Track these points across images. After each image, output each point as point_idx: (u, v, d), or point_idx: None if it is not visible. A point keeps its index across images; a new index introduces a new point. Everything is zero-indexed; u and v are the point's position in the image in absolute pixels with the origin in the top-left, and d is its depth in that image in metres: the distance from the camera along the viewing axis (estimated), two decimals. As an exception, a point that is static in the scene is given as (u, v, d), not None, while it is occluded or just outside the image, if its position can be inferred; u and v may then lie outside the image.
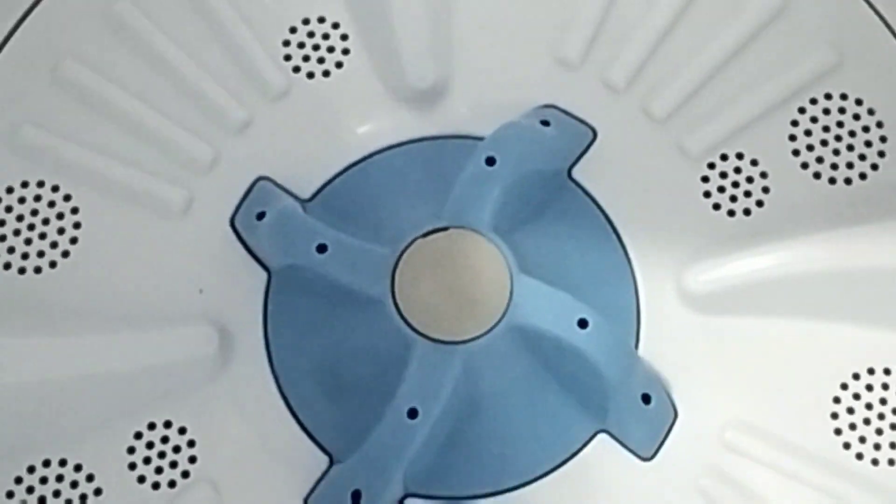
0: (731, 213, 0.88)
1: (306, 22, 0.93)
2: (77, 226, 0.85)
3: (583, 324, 0.80)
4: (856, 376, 0.84)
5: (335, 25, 0.93)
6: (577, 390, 0.85)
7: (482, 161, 0.86)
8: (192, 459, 0.82)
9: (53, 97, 0.91)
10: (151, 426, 0.82)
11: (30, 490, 0.82)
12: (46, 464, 0.82)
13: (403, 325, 0.83)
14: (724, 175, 0.89)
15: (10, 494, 0.81)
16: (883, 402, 0.85)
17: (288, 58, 0.92)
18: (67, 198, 0.86)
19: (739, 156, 0.89)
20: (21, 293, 0.87)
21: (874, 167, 0.88)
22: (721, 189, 0.89)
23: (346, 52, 0.92)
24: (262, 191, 0.89)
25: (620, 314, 0.88)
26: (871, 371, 0.85)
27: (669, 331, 0.88)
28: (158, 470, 0.82)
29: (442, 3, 0.97)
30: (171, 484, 0.81)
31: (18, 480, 0.81)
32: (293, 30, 0.93)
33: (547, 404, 0.86)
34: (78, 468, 0.81)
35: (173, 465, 0.82)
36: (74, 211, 0.86)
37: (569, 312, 0.82)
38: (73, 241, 0.85)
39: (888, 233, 0.86)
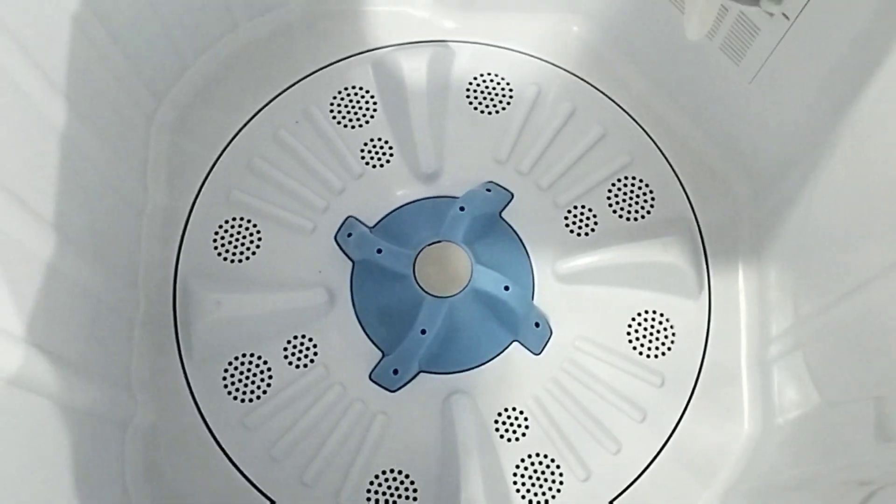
0: (579, 234, 1.17)
1: (371, 140, 1.20)
2: (259, 239, 1.13)
3: (507, 288, 1.10)
4: (639, 314, 1.13)
5: (386, 142, 1.21)
6: (504, 321, 1.13)
7: (458, 209, 1.14)
8: (315, 353, 1.09)
9: (248, 176, 1.17)
10: (295, 337, 1.09)
11: (233, 374, 1.07)
12: (241, 356, 1.08)
13: (419, 289, 1.11)
14: (575, 216, 1.18)
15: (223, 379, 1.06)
16: (652, 327, 1.13)
17: (363, 157, 1.20)
18: (255, 226, 1.14)
19: (584, 206, 1.18)
20: (231, 272, 1.13)
21: (648, 213, 1.18)
22: (574, 223, 1.18)
23: (391, 155, 1.20)
24: (350, 223, 1.16)
25: (524, 284, 1.15)
26: (647, 311, 1.14)
27: (548, 292, 1.16)
28: (299, 359, 1.08)
29: (439, 130, 1.22)
30: (304, 366, 1.08)
31: (226, 369, 1.07)
32: (365, 144, 1.20)
33: (489, 328, 1.13)
34: (259, 358, 1.08)
35: (306, 356, 1.09)
36: (258, 232, 1.13)
37: (500, 283, 1.10)
38: (258, 247, 1.13)
39: (655, 245, 1.12)
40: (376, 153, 1.19)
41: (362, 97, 1.21)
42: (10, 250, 0.80)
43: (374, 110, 1.20)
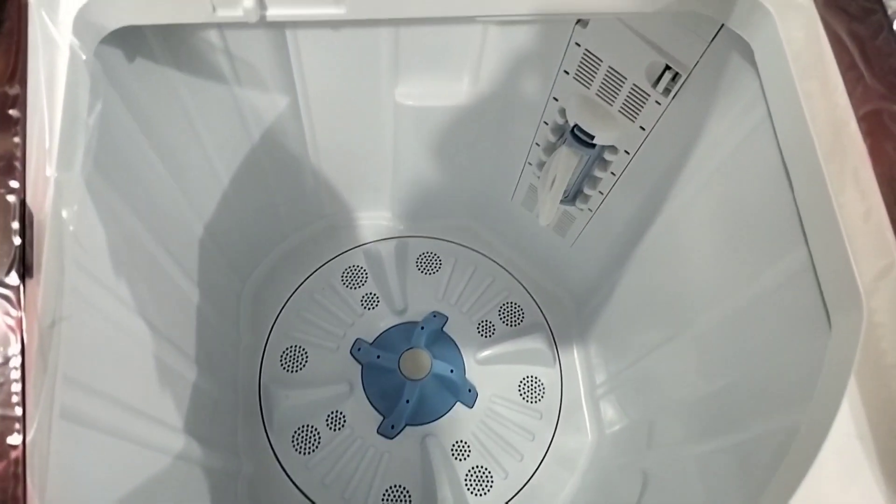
0: (486, 337, 1.19)
1: (366, 294, 1.20)
2: (307, 357, 1.11)
3: (452, 371, 1.14)
4: (523, 378, 1.14)
5: (374, 294, 1.21)
6: (451, 390, 1.15)
7: (420, 327, 1.18)
8: (345, 421, 1.06)
9: (298, 321, 1.16)
10: (332, 412, 1.08)
11: (298, 438, 1.07)
12: (302, 426, 1.07)
13: (402, 376, 1.15)
14: (483, 327, 1.20)
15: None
16: (531, 385, 1.13)
17: (363, 304, 1.20)
18: (304, 350, 1.13)
19: (487, 320, 1.20)
20: (293, 378, 1.12)
21: (522, 321, 1.17)
22: (482, 331, 1.20)
23: (378, 301, 1.21)
24: (358, 342, 1.16)
25: (460, 367, 1.17)
26: (527, 376, 1.14)
27: (474, 371, 1.18)
28: (335, 425, 1.08)
29: (403, 286, 1.23)
30: (339, 429, 1.08)
31: (293, 435, 1.06)
32: (363, 297, 1.22)
33: (443, 395, 1.15)
34: (312, 427, 1.08)
35: (339, 423, 1.09)
36: (306, 353, 1.11)
37: (448, 368, 1.15)
38: (307, 361, 1.11)
39: (527, 338, 1.14)
40: (370, 301, 1.24)
41: (359, 271, 1.27)
42: (172, 375, 0.81)
43: (367, 278, 1.26)
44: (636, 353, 0.97)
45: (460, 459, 1.11)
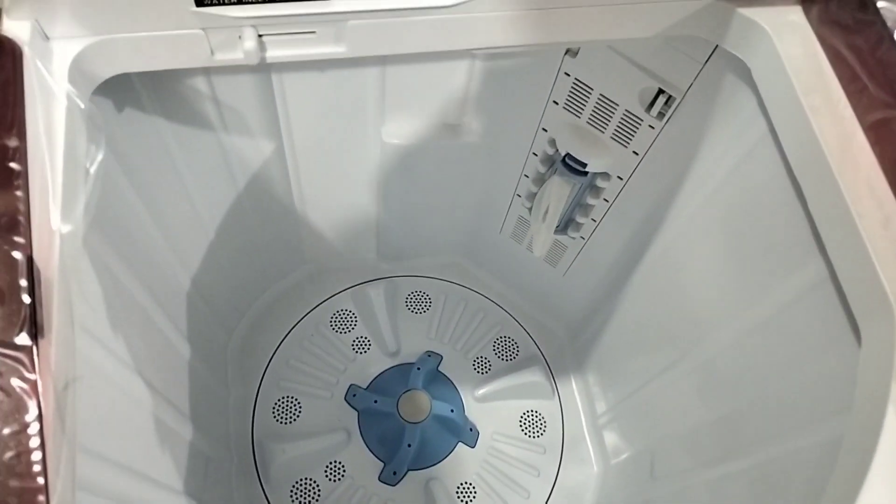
0: (482, 374, 1.17)
1: (357, 338, 1.19)
2: (301, 407, 1.08)
3: (452, 410, 1.12)
4: (524, 413, 1.13)
5: (365, 338, 1.19)
6: (452, 430, 1.14)
7: (416, 368, 1.16)
8: (344, 471, 1.04)
9: (288, 370, 1.13)
10: (331, 462, 1.04)
11: (296, 492, 1.03)
12: (300, 480, 1.04)
13: (402, 420, 1.12)
14: (478, 363, 1.20)
15: None
16: (532, 419, 1.12)
17: (353, 349, 1.18)
18: (297, 399, 1.09)
19: (482, 356, 1.19)
20: (287, 430, 1.08)
21: (517, 354, 1.17)
22: (477, 368, 1.19)
23: (369, 345, 1.19)
24: (352, 388, 1.13)
25: (459, 406, 1.16)
26: (528, 411, 1.13)
27: (473, 409, 1.16)
28: (335, 476, 1.04)
29: (394, 328, 1.21)
30: (339, 479, 1.05)
31: (291, 489, 1.02)
32: (353, 341, 1.20)
33: (444, 436, 1.14)
34: (311, 479, 1.05)
35: (338, 473, 1.05)
36: (299, 403, 1.08)
37: (448, 408, 1.13)
38: (300, 412, 1.07)
39: (524, 372, 1.14)
40: (361, 345, 1.22)
41: (348, 315, 1.25)
42: (170, 435, 0.79)
43: (356, 321, 1.24)
44: (637, 381, 0.97)
45: (466, 502, 1.09)
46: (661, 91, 0.72)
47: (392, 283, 1.28)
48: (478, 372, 1.20)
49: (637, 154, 0.81)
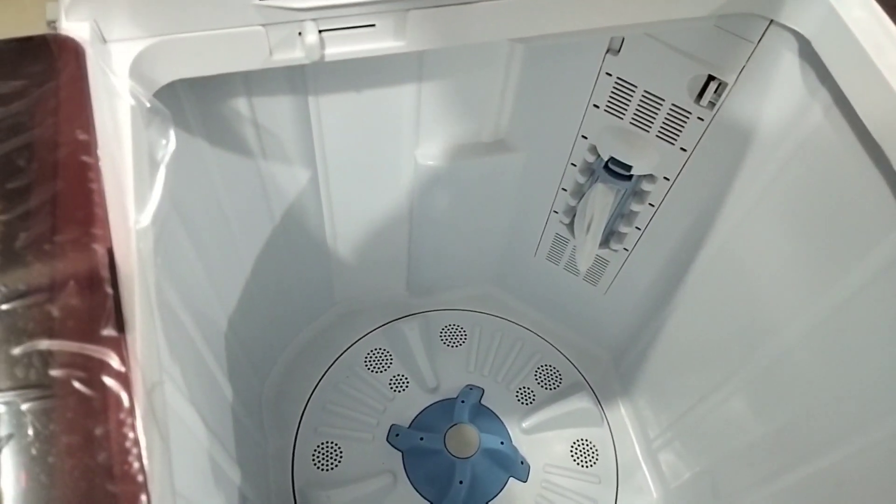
0: (526, 405, 1.12)
1: (394, 376, 1.15)
2: (341, 452, 1.04)
3: (502, 443, 1.08)
4: (574, 442, 1.10)
5: (403, 375, 1.15)
6: (502, 464, 1.09)
7: (460, 401, 1.11)
8: None
9: (325, 415, 1.10)
10: None
11: None
12: None
13: (450, 456, 1.07)
14: (521, 394, 1.16)
15: None
16: (583, 448, 1.08)
17: (391, 387, 1.14)
18: (337, 444, 1.05)
19: (525, 387, 1.15)
20: (329, 477, 1.03)
21: (560, 382, 1.13)
22: (521, 398, 1.15)
23: (408, 383, 1.15)
24: (394, 427, 1.09)
25: (507, 438, 1.11)
26: (578, 440, 1.09)
27: (521, 441, 1.11)
28: None
29: (432, 363, 1.17)
30: None
31: None
32: (391, 379, 1.15)
33: (494, 472, 1.09)
34: None
35: None
36: (339, 448, 1.04)
37: (498, 440, 1.08)
38: (341, 458, 1.02)
39: (570, 400, 1.10)
40: (399, 384, 1.18)
41: (383, 353, 1.21)
42: (223, 478, 0.75)
43: (392, 359, 1.20)
44: (690, 399, 0.94)
45: (524, 540, 1.00)
46: (710, 78, 0.71)
47: (425, 318, 1.25)
48: (522, 403, 1.16)
49: (685, 150, 0.79)
